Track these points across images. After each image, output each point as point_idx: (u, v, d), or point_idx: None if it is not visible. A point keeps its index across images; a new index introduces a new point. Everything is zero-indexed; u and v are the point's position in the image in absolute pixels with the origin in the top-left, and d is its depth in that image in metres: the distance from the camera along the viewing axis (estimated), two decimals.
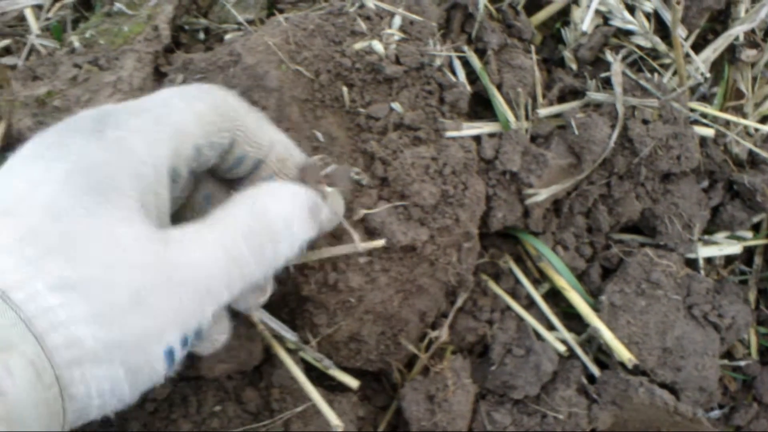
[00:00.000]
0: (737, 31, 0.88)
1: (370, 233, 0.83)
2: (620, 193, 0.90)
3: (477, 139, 0.87)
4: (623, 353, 0.87)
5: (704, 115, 0.92)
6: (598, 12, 0.91)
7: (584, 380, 0.90)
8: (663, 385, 0.89)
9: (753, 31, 0.92)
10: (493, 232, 0.91)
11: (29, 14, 0.96)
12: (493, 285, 0.93)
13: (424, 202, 0.82)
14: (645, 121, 0.88)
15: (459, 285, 0.89)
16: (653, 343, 0.89)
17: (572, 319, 0.94)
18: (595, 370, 0.90)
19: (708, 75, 0.91)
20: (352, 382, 0.88)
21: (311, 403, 0.85)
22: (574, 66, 0.93)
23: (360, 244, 0.72)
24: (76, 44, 0.89)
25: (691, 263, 0.94)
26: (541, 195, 0.86)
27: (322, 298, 0.84)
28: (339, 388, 0.90)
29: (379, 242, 0.76)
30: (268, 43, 0.83)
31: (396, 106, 0.85)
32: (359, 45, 0.85)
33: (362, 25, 0.86)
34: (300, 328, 0.86)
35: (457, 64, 0.90)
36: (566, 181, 0.87)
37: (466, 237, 0.85)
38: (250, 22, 0.91)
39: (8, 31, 0.94)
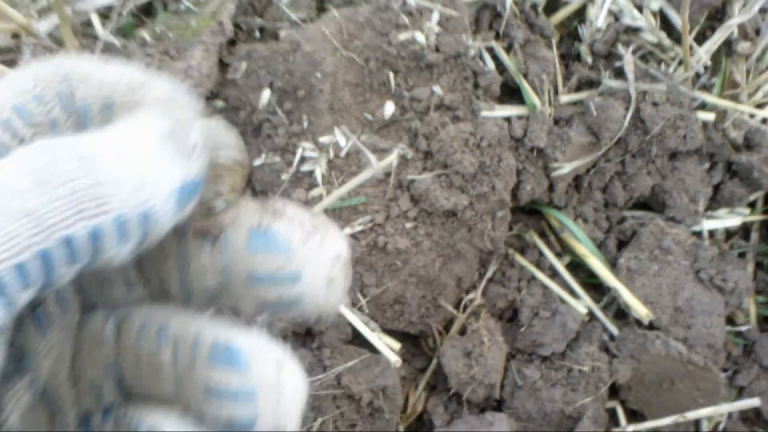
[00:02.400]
0: (735, 22, 1.00)
1: (416, 201, 0.93)
2: (633, 169, 1.01)
3: (507, 120, 0.98)
4: (641, 310, 0.97)
5: (704, 105, 1.04)
6: (610, 11, 1.03)
7: (605, 338, 0.99)
8: (675, 341, 0.99)
9: (745, 26, 1.04)
10: (519, 207, 1.02)
11: (95, 18, 1.06)
12: (519, 257, 1.03)
13: (464, 170, 0.92)
14: (655, 104, 0.99)
15: (492, 252, 0.99)
16: (666, 302, 0.99)
17: (591, 289, 1.04)
18: (614, 330, 1.00)
19: (709, 64, 1.03)
20: (395, 345, 0.97)
21: (359, 359, 0.94)
22: (589, 59, 1.04)
23: (377, 163, 0.82)
24: (148, 38, 0.99)
25: (696, 237, 1.05)
26: (565, 168, 0.97)
27: (372, 260, 0.93)
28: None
29: (392, 157, 0.86)
30: (324, 32, 0.94)
31: (437, 89, 0.96)
32: (403, 36, 0.96)
33: (405, 20, 0.97)
34: (349, 290, 0.96)
35: (487, 56, 1.01)
36: (587, 156, 0.98)
37: (500, 205, 0.95)
38: (303, 21, 1.02)
39: (81, 31, 1.04)
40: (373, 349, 0.96)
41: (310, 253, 0.38)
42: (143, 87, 0.44)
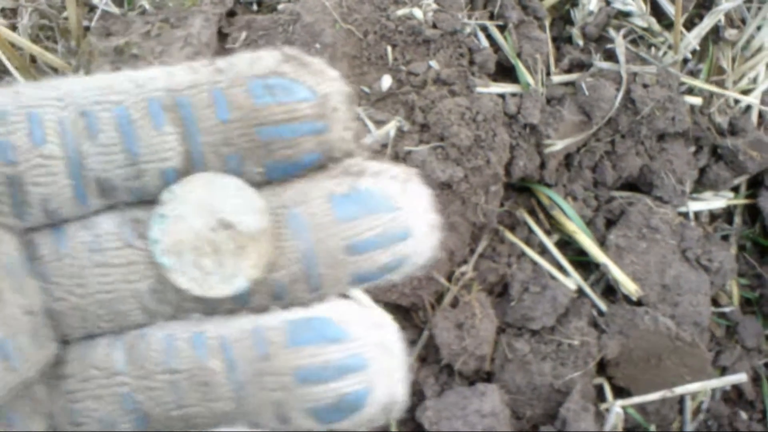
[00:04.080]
0: (722, 8, 1.03)
1: None
2: (623, 149, 1.03)
3: (501, 97, 1.00)
4: (630, 286, 0.99)
5: (691, 90, 1.06)
6: None
7: (594, 313, 1.01)
8: (664, 317, 1.00)
9: (731, 15, 1.07)
10: (510, 184, 1.03)
11: None
12: (509, 234, 1.05)
13: (460, 143, 0.93)
14: (645, 85, 1.01)
15: (484, 226, 1.00)
16: (654, 279, 1.01)
17: (578, 267, 1.05)
18: (602, 306, 1.02)
19: (698, 49, 1.05)
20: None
21: None
22: (581, 42, 1.06)
23: (375, 132, 0.84)
24: (147, 6, 1.00)
25: (682, 217, 1.07)
26: (558, 145, 0.99)
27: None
28: None
29: (390, 125, 0.88)
30: (324, 3, 0.95)
31: (433, 63, 0.97)
32: (401, 11, 0.97)
33: None
34: None
35: (482, 35, 1.03)
36: (578, 135, 1.00)
37: (494, 179, 0.97)
38: None
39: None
40: None
41: (411, 203, 0.34)
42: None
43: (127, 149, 0.33)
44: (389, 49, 0.97)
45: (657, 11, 1.08)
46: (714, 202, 1.07)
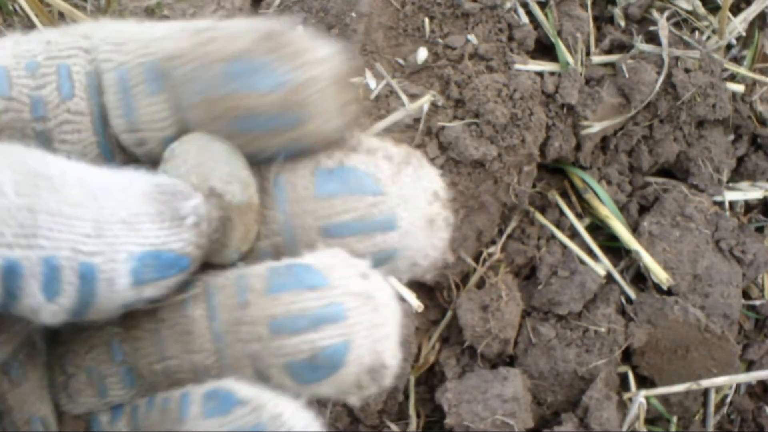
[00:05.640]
0: None
1: (444, 149, 0.92)
2: (661, 134, 1.01)
3: (539, 75, 0.97)
4: (661, 274, 0.96)
5: (733, 76, 1.03)
6: None
7: (623, 301, 0.99)
8: (694, 308, 0.98)
9: None
10: (543, 165, 1.01)
11: None
12: (539, 216, 1.02)
13: (496, 120, 0.91)
14: (687, 70, 0.98)
15: (514, 207, 0.98)
16: (685, 269, 0.98)
17: (608, 252, 1.03)
18: (631, 294, 1.00)
19: (743, 35, 1.02)
20: (412, 300, 0.96)
21: None
22: (622, 23, 1.04)
23: (409, 104, 0.81)
24: None
25: (718, 206, 1.05)
26: (595, 128, 0.96)
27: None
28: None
29: (425, 99, 0.85)
30: None
31: (471, 37, 0.95)
32: None
33: None
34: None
35: (522, 12, 1.00)
36: (616, 118, 0.98)
37: (528, 159, 0.94)
38: None
39: None
40: None
41: (404, 190, 0.30)
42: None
43: (126, 114, 0.31)
44: (427, 21, 0.95)
45: None
46: (750, 192, 1.04)
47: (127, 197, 0.27)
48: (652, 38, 1.02)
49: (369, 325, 0.29)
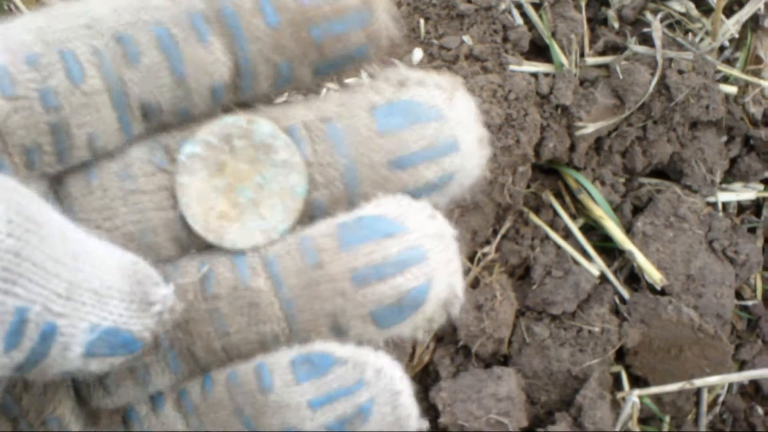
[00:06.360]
0: None
1: None
2: (654, 135, 1.01)
3: (534, 76, 0.98)
4: (654, 274, 0.97)
5: (726, 78, 1.04)
6: None
7: (616, 301, 1.00)
8: (687, 308, 0.99)
9: None
10: (537, 165, 1.01)
11: None
12: (533, 216, 1.03)
13: (491, 121, 0.91)
14: (680, 72, 0.99)
15: (509, 207, 0.98)
16: (679, 269, 0.99)
17: (603, 252, 1.04)
18: (625, 294, 1.00)
19: (736, 36, 1.03)
20: None
21: None
22: (616, 24, 1.04)
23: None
24: None
25: (711, 207, 1.05)
26: (589, 128, 0.97)
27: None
28: None
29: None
30: None
31: (466, 38, 0.95)
32: None
33: None
34: None
35: (516, 13, 1.00)
36: (610, 119, 0.98)
37: (523, 159, 0.95)
38: None
39: None
40: None
41: (458, 113, 0.32)
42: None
43: (173, 70, 0.31)
44: (422, 21, 0.95)
45: None
46: (743, 193, 1.05)
47: (104, 267, 0.27)
48: (646, 40, 1.03)
49: (445, 261, 0.30)
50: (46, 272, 0.25)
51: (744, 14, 1.03)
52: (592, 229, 1.04)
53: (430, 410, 0.98)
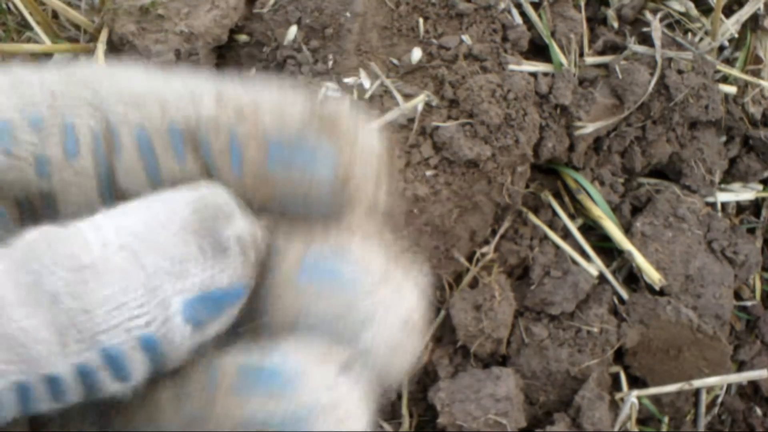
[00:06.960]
0: None
1: (438, 149, 0.92)
2: (653, 135, 1.01)
3: (533, 76, 0.98)
4: (653, 274, 0.97)
5: (725, 78, 1.04)
6: None
7: (615, 301, 0.99)
8: (686, 308, 0.99)
9: None
10: (536, 165, 1.01)
11: None
12: (532, 216, 1.03)
13: (490, 120, 0.91)
14: (680, 71, 0.99)
15: (507, 207, 0.98)
16: (678, 270, 0.99)
17: (602, 252, 1.04)
18: (624, 294, 1.00)
19: (735, 36, 1.03)
20: None
21: None
22: (615, 24, 1.04)
23: (403, 104, 0.81)
24: None
25: (710, 207, 1.05)
26: (588, 128, 0.97)
27: (389, 205, 0.93)
28: None
29: (419, 99, 0.85)
30: None
31: (466, 38, 0.95)
32: None
33: None
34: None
35: (516, 13, 1.00)
36: (609, 118, 0.98)
37: (522, 159, 0.95)
38: None
39: None
40: None
41: (376, 307, 0.28)
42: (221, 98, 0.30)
43: (150, 175, 0.30)
44: (421, 21, 0.95)
45: None
46: (742, 193, 1.05)
47: (166, 239, 0.26)
48: (645, 39, 1.03)
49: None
50: (118, 303, 0.25)
51: (743, 14, 1.03)
52: (591, 229, 1.04)
53: (428, 410, 0.98)
